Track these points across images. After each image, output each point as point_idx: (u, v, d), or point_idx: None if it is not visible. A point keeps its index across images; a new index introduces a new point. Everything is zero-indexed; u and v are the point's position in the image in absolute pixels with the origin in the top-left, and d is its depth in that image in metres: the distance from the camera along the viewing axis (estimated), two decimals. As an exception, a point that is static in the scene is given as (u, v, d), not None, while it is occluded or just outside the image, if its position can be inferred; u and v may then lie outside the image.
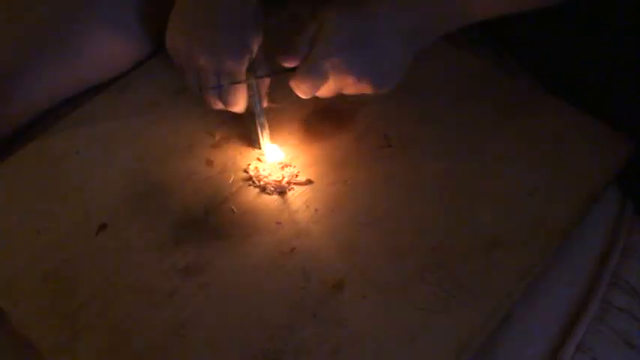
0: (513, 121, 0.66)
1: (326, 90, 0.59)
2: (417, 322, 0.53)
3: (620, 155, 0.63)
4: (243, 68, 0.60)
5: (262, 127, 0.63)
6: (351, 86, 0.58)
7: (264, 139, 0.64)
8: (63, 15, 0.68)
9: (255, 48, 0.61)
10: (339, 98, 0.69)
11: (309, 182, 0.62)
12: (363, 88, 0.58)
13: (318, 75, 0.56)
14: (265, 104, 0.64)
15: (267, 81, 0.64)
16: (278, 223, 0.60)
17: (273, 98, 0.65)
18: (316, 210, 0.60)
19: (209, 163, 0.65)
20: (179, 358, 0.52)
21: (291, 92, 0.59)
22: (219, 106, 0.62)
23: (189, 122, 0.68)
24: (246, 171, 0.64)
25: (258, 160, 0.64)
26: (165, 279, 0.56)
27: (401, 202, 0.61)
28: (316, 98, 0.69)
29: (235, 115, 0.65)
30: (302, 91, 0.58)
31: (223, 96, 0.61)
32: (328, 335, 0.53)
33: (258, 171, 0.63)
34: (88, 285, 0.56)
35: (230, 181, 0.63)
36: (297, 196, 0.62)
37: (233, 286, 0.56)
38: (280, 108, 0.66)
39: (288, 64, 0.58)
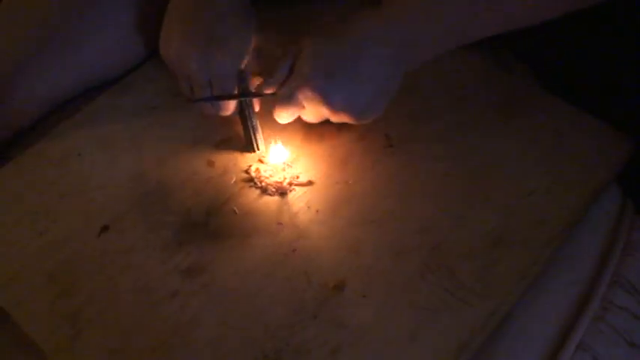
0: (514, 121, 0.66)
1: (309, 117, 0.60)
2: (418, 321, 0.53)
3: (620, 154, 0.63)
4: (234, 75, 0.60)
5: (255, 130, 0.64)
6: (330, 116, 0.59)
7: (259, 142, 0.64)
8: (63, 16, 0.68)
9: (247, 54, 0.61)
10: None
11: (309, 183, 0.62)
12: (343, 119, 0.59)
13: (291, 104, 0.58)
14: (257, 108, 0.64)
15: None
16: (279, 224, 0.60)
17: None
18: (317, 211, 0.60)
19: (210, 164, 0.65)
20: (180, 358, 0.53)
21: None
22: (212, 112, 0.63)
23: (190, 123, 0.68)
24: (247, 172, 0.64)
25: (260, 161, 0.64)
26: (167, 279, 0.57)
27: (401, 202, 0.61)
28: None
29: (234, 117, 0.65)
30: (280, 117, 0.60)
31: (214, 103, 0.62)
32: (329, 335, 0.53)
33: (259, 172, 0.63)
34: (89, 285, 0.57)
35: (231, 182, 0.63)
36: (298, 197, 0.62)
37: (234, 287, 0.56)
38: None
39: (267, 91, 0.59)
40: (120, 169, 0.65)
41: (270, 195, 0.62)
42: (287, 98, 0.58)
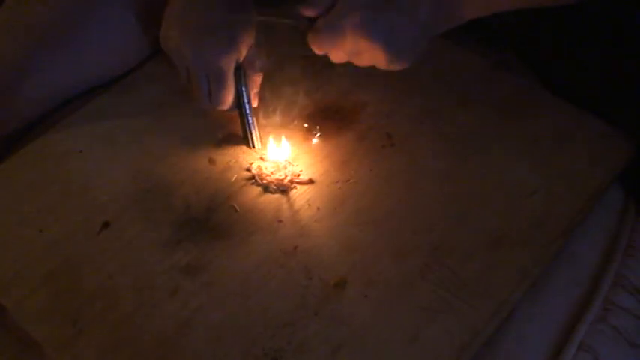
0: (515, 121, 0.66)
1: (339, 52, 0.59)
2: (419, 321, 0.53)
3: (621, 155, 0.63)
4: (230, 69, 0.60)
5: (252, 126, 0.64)
6: (365, 52, 0.57)
7: (255, 139, 0.64)
8: (64, 15, 0.68)
9: (245, 49, 0.61)
10: (342, 97, 0.69)
11: (310, 182, 0.62)
12: (376, 57, 0.57)
13: (336, 30, 0.56)
14: (255, 104, 0.64)
15: (257, 81, 0.64)
16: (280, 221, 0.60)
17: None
18: (318, 209, 0.60)
19: (211, 161, 0.65)
20: (181, 356, 0.52)
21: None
22: (208, 106, 0.63)
23: (191, 121, 0.68)
24: (248, 170, 0.64)
25: (261, 159, 0.64)
26: (168, 277, 0.57)
27: (403, 201, 0.61)
28: (319, 96, 0.70)
29: (234, 115, 0.65)
30: (318, 45, 0.58)
31: (211, 95, 0.62)
32: (330, 334, 0.53)
33: (260, 170, 0.63)
34: (90, 283, 0.57)
35: (232, 180, 0.63)
36: (299, 195, 0.62)
37: (235, 285, 0.56)
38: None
39: (307, 13, 0.58)
40: (121, 166, 0.65)
41: (271, 193, 0.62)
42: (332, 23, 0.56)
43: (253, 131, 0.64)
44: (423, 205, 0.60)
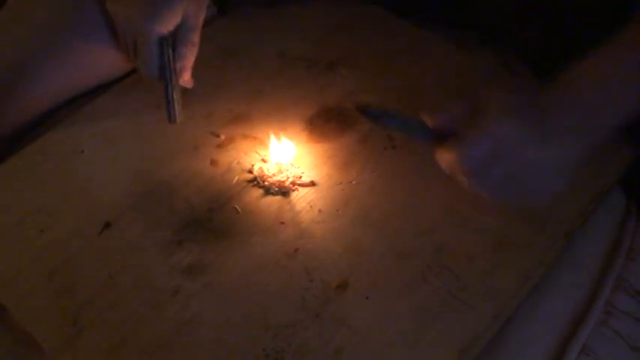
0: (517, 124, 0.66)
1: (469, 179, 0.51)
2: (420, 323, 0.53)
3: (623, 157, 0.63)
4: (151, 37, 0.60)
5: (173, 99, 0.63)
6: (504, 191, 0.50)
7: (176, 112, 0.63)
8: (64, 17, 0.68)
9: (173, 20, 0.61)
10: (345, 98, 0.69)
11: (312, 183, 0.62)
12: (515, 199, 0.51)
13: (481, 148, 0.48)
14: (187, 78, 0.64)
15: (189, 55, 0.63)
16: (282, 223, 0.60)
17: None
18: (320, 210, 0.60)
19: (213, 163, 0.65)
20: (181, 357, 0.52)
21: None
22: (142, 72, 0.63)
23: (194, 122, 0.68)
24: (250, 171, 0.64)
25: (263, 160, 0.64)
26: (169, 278, 0.56)
27: (404, 203, 0.61)
28: (322, 98, 0.69)
29: (240, 116, 0.65)
30: (456, 165, 0.50)
31: (137, 54, 0.62)
32: (331, 335, 0.53)
33: (262, 171, 0.63)
34: (91, 283, 0.56)
35: (234, 182, 0.63)
36: (301, 197, 0.62)
37: (236, 286, 0.56)
38: None
39: (434, 124, 0.51)
40: (122, 166, 0.64)
41: (273, 194, 0.62)
42: (480, 139, 0.48)
43: (172, 104, 0.63)
44: (425, 207, 0.60)
